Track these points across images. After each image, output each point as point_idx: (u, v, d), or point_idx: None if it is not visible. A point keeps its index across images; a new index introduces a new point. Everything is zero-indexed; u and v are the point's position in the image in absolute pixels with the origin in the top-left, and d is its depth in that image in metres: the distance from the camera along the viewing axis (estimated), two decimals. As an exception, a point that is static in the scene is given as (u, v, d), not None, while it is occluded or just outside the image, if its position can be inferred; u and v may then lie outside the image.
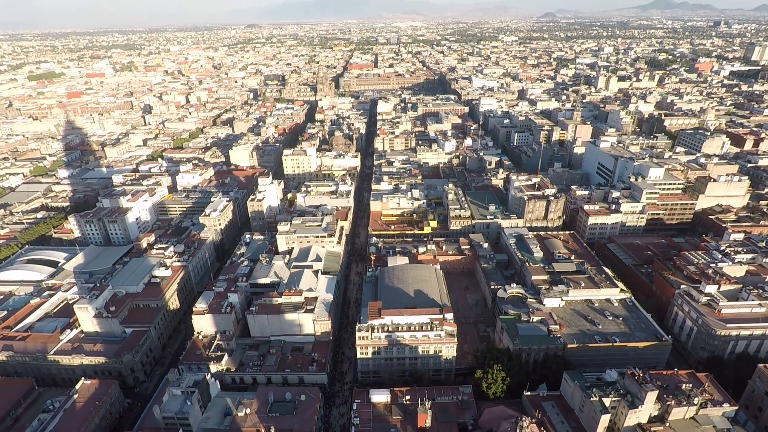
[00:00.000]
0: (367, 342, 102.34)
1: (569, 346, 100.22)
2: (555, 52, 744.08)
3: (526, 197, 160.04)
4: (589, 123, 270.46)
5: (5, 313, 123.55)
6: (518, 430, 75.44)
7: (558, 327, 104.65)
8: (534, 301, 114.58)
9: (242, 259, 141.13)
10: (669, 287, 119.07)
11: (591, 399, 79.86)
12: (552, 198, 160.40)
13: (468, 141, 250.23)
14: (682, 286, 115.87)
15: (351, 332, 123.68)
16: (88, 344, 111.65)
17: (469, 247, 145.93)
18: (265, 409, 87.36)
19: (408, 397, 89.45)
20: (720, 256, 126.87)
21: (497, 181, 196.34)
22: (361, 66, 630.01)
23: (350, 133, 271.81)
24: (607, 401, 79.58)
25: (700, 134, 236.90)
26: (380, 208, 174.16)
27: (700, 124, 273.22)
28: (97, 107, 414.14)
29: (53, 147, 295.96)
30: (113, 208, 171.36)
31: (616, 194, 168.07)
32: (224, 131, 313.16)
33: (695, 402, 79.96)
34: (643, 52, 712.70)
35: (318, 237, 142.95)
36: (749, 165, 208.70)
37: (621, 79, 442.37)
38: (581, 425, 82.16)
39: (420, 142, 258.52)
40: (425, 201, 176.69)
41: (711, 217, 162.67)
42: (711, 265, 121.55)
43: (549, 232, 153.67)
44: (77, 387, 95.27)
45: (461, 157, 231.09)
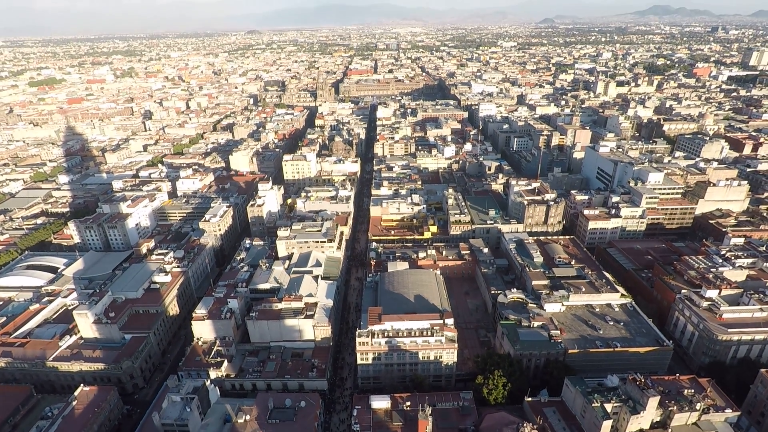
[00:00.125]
0: (368, 348, 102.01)
1: (570, 351, 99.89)
2: (554, 57, 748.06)
3: (526, 202, 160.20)
4: (588, 128, 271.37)
5: (4, 319, 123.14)
6: (520, 437, 75.04)
7: (559, 332, 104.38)
8: (534, 306, 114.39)
9: (242, 264, 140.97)
10: (670, 292, 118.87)
11: (593, 405, 79.48)
12: (552, 203, 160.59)
13: (467, 146, 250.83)
14: (682, 291, 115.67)
15: (351, 338, 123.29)
16: (88, 350, 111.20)
17: (469, 252, 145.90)
18: (265, 416, 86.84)
19: (408, 403, 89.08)
20: (720, 260, 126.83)
21: (497, 186, 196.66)
22: (360, 72, 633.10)
23: (350, 139, 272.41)
24: (608, 407, 79.16)
25: (699, 139, 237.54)
26: (380, 213, 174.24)
27: (699, 128, 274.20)
28: (98, 113, 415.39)
29: (53, 153, 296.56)
30: (113, 214, 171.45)
31: (615, 199, 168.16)
32: (224, 137, 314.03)
33: (697, 408, 79.58)
34: (641, 57, 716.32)
35: (318, 242, 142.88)
36: (748, 169, 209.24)
37: (620, 84, 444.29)
38: (583, 431, 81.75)
39: (420, 148, 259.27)
40: (425, 206, 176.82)
41: (711, 221, 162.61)
42: (711, 270, 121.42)
43: (549, 237, 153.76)
44: (76, 393, 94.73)
45: (461, 162, 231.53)
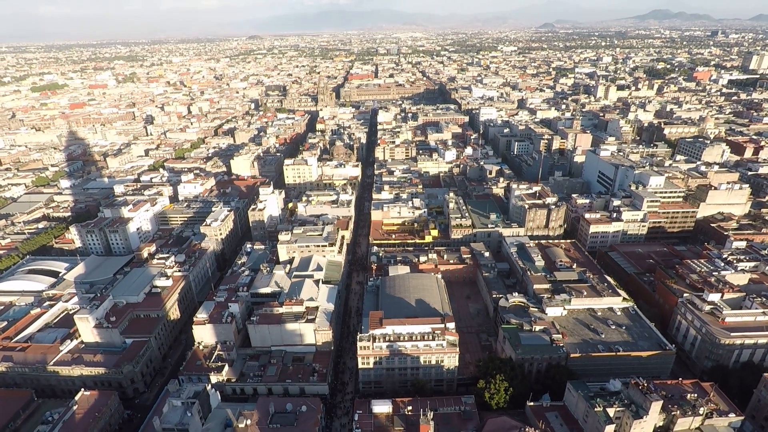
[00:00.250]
0: (369, 352, 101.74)
1: (572, 355, 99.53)
2: (554, 61, 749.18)
3: (527, 206, 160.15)
4: (588, 132, 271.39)
5: (5, 323, 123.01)
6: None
7: (560, 336, 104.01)
8: (536, 310, 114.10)
9: (243, 268, 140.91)
10: (672, 296, 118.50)
11: (595, 409, 79.12)
12: (553, 207, 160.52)
13: (468, 150, 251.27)
14: (685, 295, 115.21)
15: (352, 342, 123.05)
16: (88, 355, 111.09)
17: (470, 256, 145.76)
18: (266, 421, 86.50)
19: (410, 408, 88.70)
20: (722, 264, 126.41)
21: (498, 190, 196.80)
22: (361, 76, 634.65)
23: (351, 143, 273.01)
24: (611, 411, 78.75)
25: (700, 142, 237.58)
26: (381, 217, 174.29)
27: (699, 132, 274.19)
28: (100, 118, 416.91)
29: (55, 157, 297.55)
30: (114, 218, 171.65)
31: (617, 203, 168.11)
32: (225, 141, 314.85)
33: (701, 412, 79.17)
34: (641, 61, 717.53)
35: (319, 246, 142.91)
36: (750, 173, 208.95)
37: (620, 88, 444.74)
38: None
39: (420, 152, 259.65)
40: (426, 210, 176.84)
41: (713, 225, 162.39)
42: (714, 274, 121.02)
43: (550, 241, 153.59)
44: (76, 398, 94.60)
45: (462, 166, 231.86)
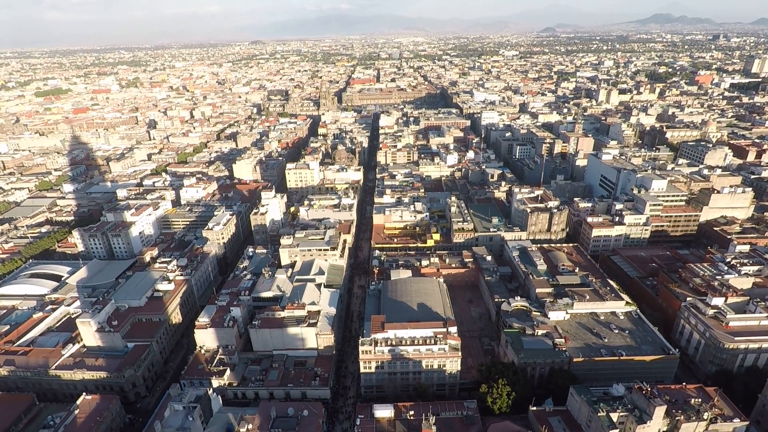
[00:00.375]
0: (371, 356, 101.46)
1: (575, 359, 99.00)
2: (555, 65, 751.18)
3: (529, 210, 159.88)
4: (590, 135, 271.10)
5: (8, 327, 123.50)
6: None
7: (563, 340, 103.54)
8: (538, 314, 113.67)
9: (245, 272, 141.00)
10: (675, 300, 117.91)
11: (598, 414, 78.61)
12: (555, 210, 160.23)
13: (470, 154, 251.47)
14: (688, 299, 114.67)
15: (354, 346, 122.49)
16: (90, 359, 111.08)
17: (472, 260, 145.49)
18: (268, 425, 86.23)
19: (412, 413, 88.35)
20: (726, 268, 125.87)
21: (500, 194, 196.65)
22: (363, 81, 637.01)
23: (353, 147, 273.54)
24: (614, 416, 78.27)
25: (702, 146, 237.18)
26: (383, 221, 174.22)
27: (701, 135, 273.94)
28: (103, 122, 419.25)
29: (59, 162, 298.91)
30: (117, 222, 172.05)
31: (619, 206, 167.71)
32: (228, 145, 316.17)
33: (705, 417, 78.54)
34: (643, 65, 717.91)
35: (321, 250, 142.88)
36: (752, 176, 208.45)
37: (622, 92, 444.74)
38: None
39: (422, 156, 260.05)
40: (428, 214, 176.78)
41: (716, 228, 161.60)
42: (717, 277, 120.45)
43: (552, 245, 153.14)
44: (78, 402, 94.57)
45: (463, 170, 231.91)
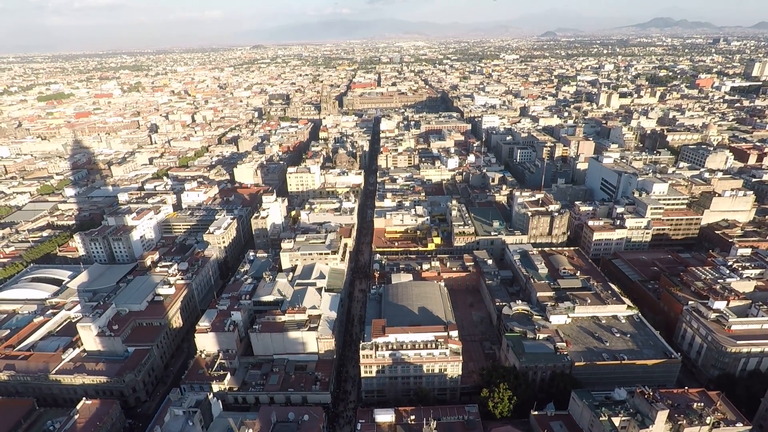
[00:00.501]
0: (371, 360, 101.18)
1: (576, 363, 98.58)
2: (556, 69, 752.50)
3: (530, 213, 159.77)
4: (591, 139, 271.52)
5: (8, 332, 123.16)
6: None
7: (565, 344, 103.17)
8: (540, 318, 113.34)
9: (246, 276, 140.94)
10: (677, 303, 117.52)
11: (600, 419, 78.12)
12: (556, 214, 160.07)
13: (471, 158, 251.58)
14: (690, 302, 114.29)
15: (355, 350, 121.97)
16: (90, 363, 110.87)
17: (473, 263, 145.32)
18: (268, 430, 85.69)
19: (413, 417, 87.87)
20: (728, 271, 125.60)
21: (501, 198, 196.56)
22: (364, 85, 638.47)
23: (354, 151, 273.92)
24: (616, 421, 77.82)
25: (703, 149, 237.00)
26: (384, 225, 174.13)
27: (702, 139, 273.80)
28: (105, 127, 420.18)
29: (60, 166, 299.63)
30: (118, 226, 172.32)
31: (620, 210, 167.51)
32: (229, 149, 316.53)
33: (707, 421, 77.98)
34: (643, 68, 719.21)
35: (322, 254, 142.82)
36: (754, 179, 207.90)
37: (622, 95, 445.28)
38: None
39: (423, 159, 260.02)
40: (429, 218, 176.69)
41: (717, 232, 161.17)
42: (719, 281, 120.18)
43: (553, 249, 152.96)
44: (78, 407, 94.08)
45: (464, 173, 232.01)
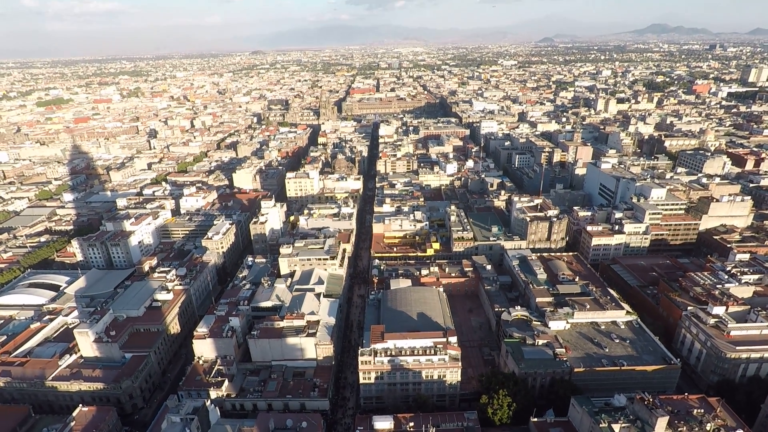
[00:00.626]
0: (370, 366, 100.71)
1: (576, 369, 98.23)
2: (554, 75, 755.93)
3: (528, 219, 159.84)
4: (589, 144, 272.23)
5: (5, 338, 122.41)
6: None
7: (564, 350, 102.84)
8: (539, 323, 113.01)
9: (244, 282, 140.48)
10: (676, 309, 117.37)
11: (600, 425, 77.77)
12: (554, 219, 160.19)
13: (469, 163, 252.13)
14: (689, 308, 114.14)
15: (353, 356, 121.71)
16: (87, 370, 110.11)
17: (472, 269, 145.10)
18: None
19: (412, 424, 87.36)
20: (726, 276, 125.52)
21: (499, 203, 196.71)
22: (363, 90, 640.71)
23: (353, 156, 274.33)
24: (616, 427, 77.38)
25: (701, 155, 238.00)
26: (383, 230, 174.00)
27: (700, 144, 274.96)
28: (104, 132, 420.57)
29: (59, 171, 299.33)
30: (116, 232, 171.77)
31: (618, 215, 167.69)
32: (228, 155, 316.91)
33: (708, 428, 77.77)
34: (640, 74, 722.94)
35: (320, 260, 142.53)
36: (751, 185, 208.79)
37: (620, 101, 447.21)
38: (591, 453, 79.81)
39: (422, 165, 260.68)
40: (427, 223, 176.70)
41: (715, 237, 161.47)
42: (717, 286, 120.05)
43: (552, 254, 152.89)
44: (74, 414, 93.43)
45: (463, 179, 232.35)
